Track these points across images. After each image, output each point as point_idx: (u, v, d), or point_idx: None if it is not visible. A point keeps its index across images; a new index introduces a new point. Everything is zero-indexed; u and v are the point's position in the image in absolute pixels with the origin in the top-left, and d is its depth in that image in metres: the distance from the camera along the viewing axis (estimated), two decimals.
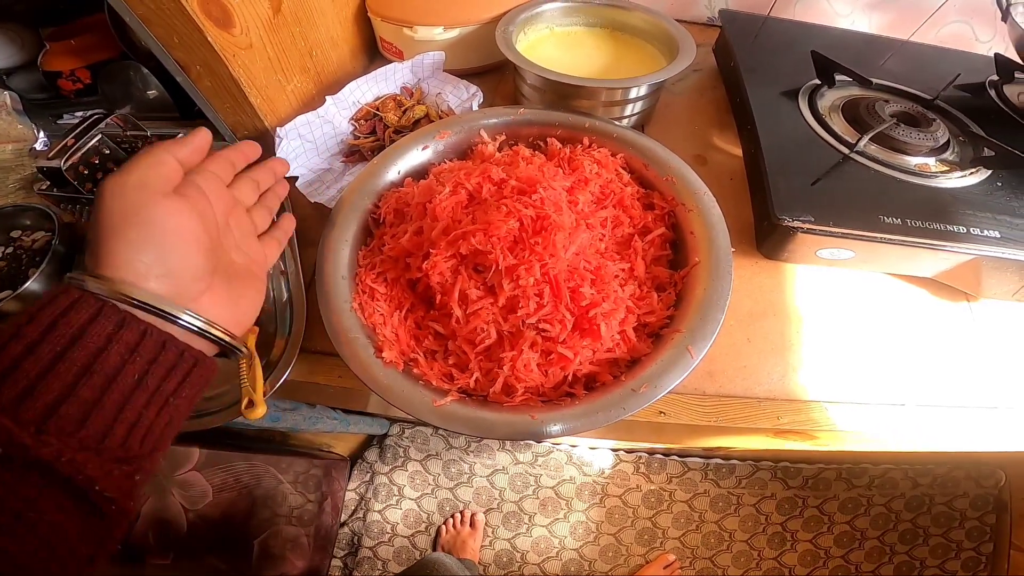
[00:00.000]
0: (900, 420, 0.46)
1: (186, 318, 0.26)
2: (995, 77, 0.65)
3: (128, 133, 0.47)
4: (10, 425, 0.19)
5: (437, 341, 0.42)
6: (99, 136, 0.46)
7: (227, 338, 0.29)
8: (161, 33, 0.45)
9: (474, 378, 0.39)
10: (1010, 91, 0.64)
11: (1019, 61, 0.61)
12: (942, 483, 1.08)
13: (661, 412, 0.45)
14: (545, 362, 0.39)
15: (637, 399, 0.37)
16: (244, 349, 0.31)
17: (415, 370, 0.40)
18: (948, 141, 0.54)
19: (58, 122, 0.70)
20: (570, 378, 0.39)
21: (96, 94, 0.68)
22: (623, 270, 0.42)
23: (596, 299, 0.38)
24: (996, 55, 0.66)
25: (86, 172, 0.48)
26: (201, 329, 0.27)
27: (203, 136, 0.31)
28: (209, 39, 0.44)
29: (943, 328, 0.49)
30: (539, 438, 0.37)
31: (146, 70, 0.62)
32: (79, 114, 0.70)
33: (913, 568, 1.08)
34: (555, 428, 0.36)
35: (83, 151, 0.46)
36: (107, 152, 0.48)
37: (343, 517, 1.24)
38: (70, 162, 0.44)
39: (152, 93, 0.64)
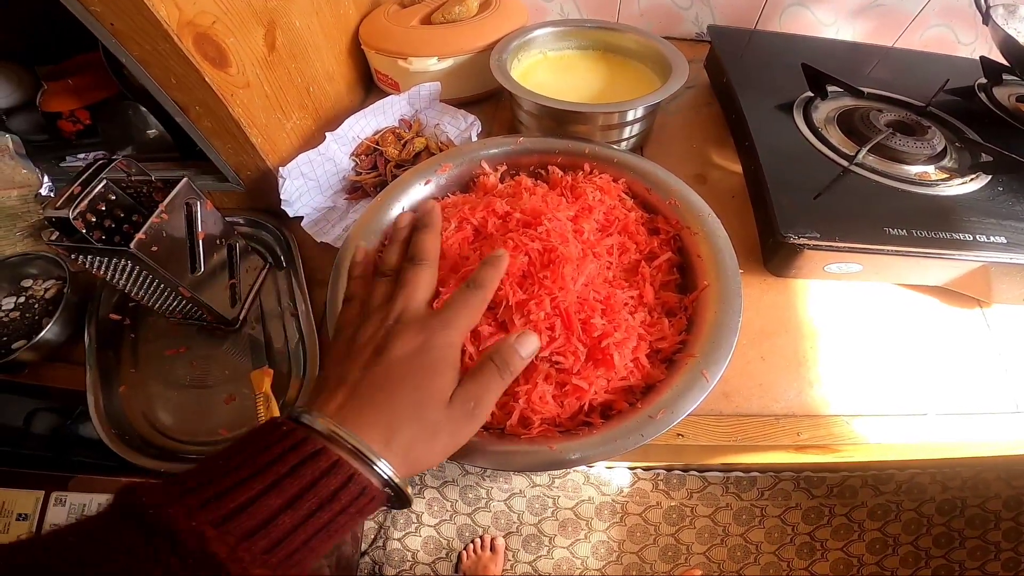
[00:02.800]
0: (923, 429, 0.45)
1: (388, 474, 0.26)
2: (983, 80, 0.66)
3: (133, 178, 0.47)
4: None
5: None
6: (104, 182, 0.46)
7: (409, 493, 0.28)
8: (158, 74, 0.45)
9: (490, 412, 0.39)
10: (1000, 93, 0.64)
11: (1005, 63, 0.62)
12: (973, 485, 1.07)
13: (679, 435, 0.45)
14: (560, 393, 0.39)
15: (654, 425, 0.36)
16: (412, 498, 0.30)
17: None
18: (945, 148, 0.54)
19: (60, 165, 0.70)
20: (586, 408, 0.39)
21: (97, 135, 0.68)
22: (632, 297, 0.41)
23: (608, 329, 0.38)
24: (982, 58, 0.66)
25: (94, 220, 0.48)
26: (393, 485, 0.27)
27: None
28: (207, 79, 0.44)
29: (958, 336, 0.49)
30: (559, 467, 0.37)
31: (144, 109, 0.62)
32: (81, 156, 0.70)
33: (952, 571, 1.06)
34: (574, 457, 0.36)
35: (90, 198, 0.46)
36: (113, 198, 0.48)
37: (363, 547, 1.22)
38: (78, 210, 0.44)
39: (152, 133, 0.64)
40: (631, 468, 1.20)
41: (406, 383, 0.28)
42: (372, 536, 1.23)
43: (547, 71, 0.65)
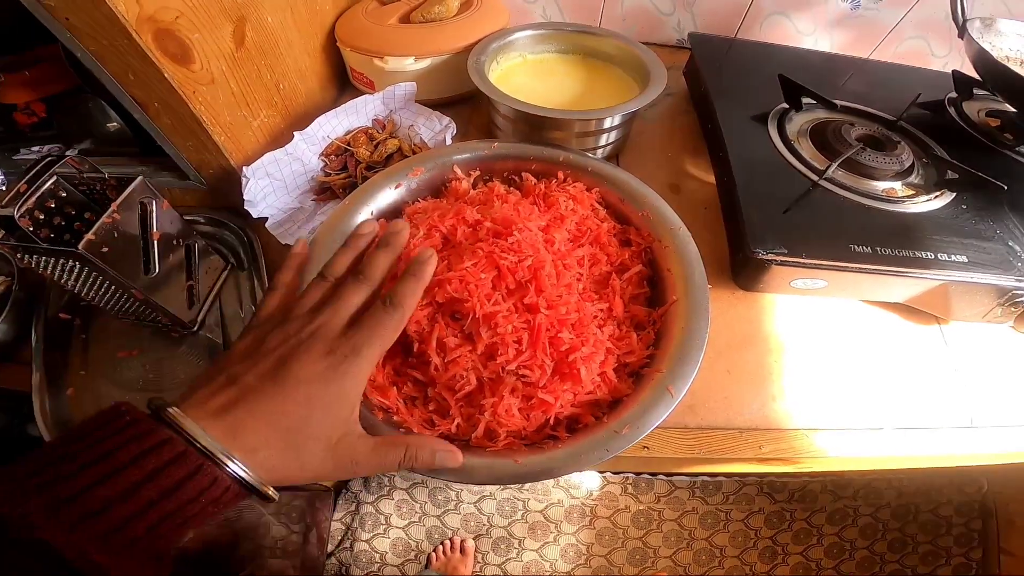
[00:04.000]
0: (880, 443, 0.47)
1: (241, 474, 0.25)
2: (954, 94, 0.67)
3: (85, 175, 0.45)
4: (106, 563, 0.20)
5: (416, 388, 0.41)
6: (54, 179, 0.44)
7: (271, 493, 0.27)
8: (116, 70, 0.43)
9: (455, 424, 0.39)
10: (969, 108, 0.66)
11: (976, 77, 0.63)
12: (926, 491, 1.11)
13: (645, 447, 0.45)
14: (526, 407, 0.38)
15: (620, 440, 0.36)
16: (275, 496, 0.29)
17: (395, 417, 0.39)
18: (913, 164, 0.55)
19: (13, 158, 0.67)
20: (552, 421, 0.39)
21: (52, 128, 0.66)
22: (601, 310, 0.41)
23: (575, 343, 0.37)
24: (954, 72, 0.68)
25: (42, 217, 0.45)
26: (251, 487, 0.26)
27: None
28: (166, 76, 0.42)
29: (916, 352, 0.50)
30: (524, 481, 0.37)
31: (104, 103, 0.60)
32: (35, 149, 0.67)
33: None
34: (539, 471, 0.36)
35: (38, 195, 0.44)
36: (63, 195, 0.46)
37: (330, 548, 1.21)
38: (24, 208, 0.42)
39: (112, 126, 0.62)
40: (600, 472, 1.21)
41: (293, 411, 0.27)
42: (339, 537, 1.22)
43: (526, 74, 0.65)
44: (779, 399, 0.47)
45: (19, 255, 0.42)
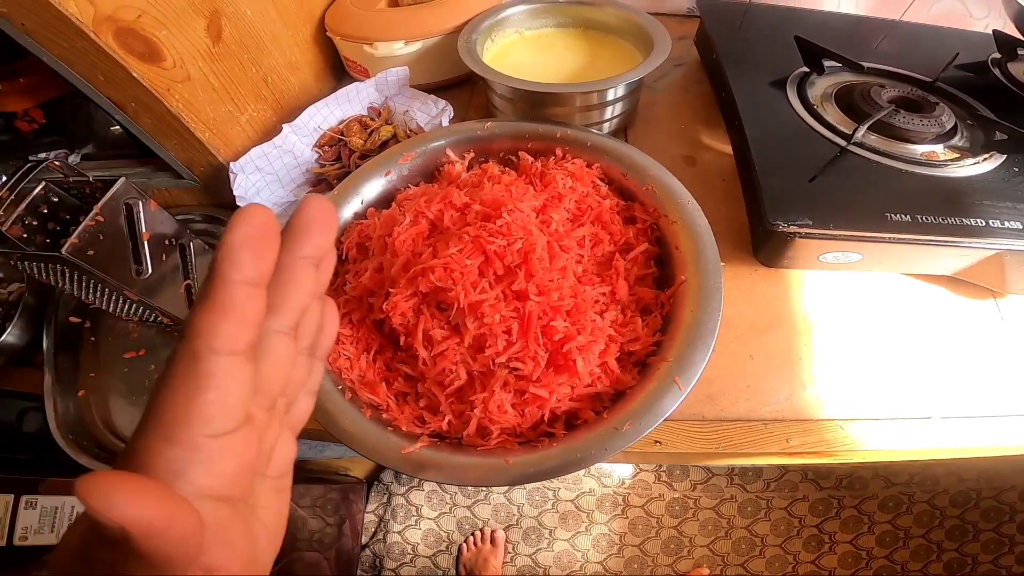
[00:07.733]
0: (925, 434, 0.41)
1: None
2: (997, 55, 0.60)
3: (71, 179, 0.44)
4: None
5: (408, 383, 0.39)
6: (43, 184, 0.44)
7: None
8: (84, 72, 0.42)
9: (446, 421, 0.36)
10: (1015, 69, 0.59)
11: (1020, 37, 0.57)
12: (988, 477, 1.03)
13: (657, 442, 0.41)
14: (520, 402, 0.35)
15: (620, 438, 0.33)
16: None
17: (384, 415, 0.37)
18: (955, 126, 0.49)
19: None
20: (548, 417, 0.36)
21: (55, 133, 0.67)
22: (603, 294, 0.38)
23: (570, 332, 0.34)
24: (995, 32, 0.61)
25: (36, 224, 0.45)
26: None
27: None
28: (135, 75, 0.41)
29: (968, 330, 0.45)
30: (515, 483, 0.34)
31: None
32: (42, 156, 0.68)
33: (964, 565, 1.02)
34: (531, 472, 0.33)
35: (28, 202, 0.44)
36: (55, 200, 0.46)
37: (364, 539, 1.22)
38: (15, 215, 0.42)
39: (115, 129, 0.62)
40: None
41: None
42: (372, 529, 1.22)
43: (524, 51, 0.61)
44: (809, 387, 0.43)
45: (13, 262, 0.42)
